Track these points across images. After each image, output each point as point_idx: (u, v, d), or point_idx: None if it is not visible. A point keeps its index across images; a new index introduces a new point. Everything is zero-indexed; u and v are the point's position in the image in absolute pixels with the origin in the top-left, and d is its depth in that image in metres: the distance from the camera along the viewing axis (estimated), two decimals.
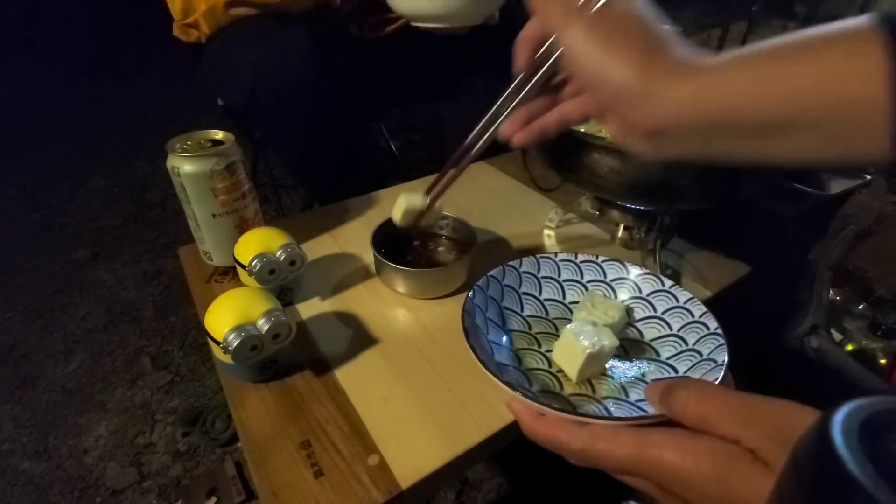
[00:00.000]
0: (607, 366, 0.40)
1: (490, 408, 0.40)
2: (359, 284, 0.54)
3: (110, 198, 1.58)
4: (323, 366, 0.44)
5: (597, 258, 0.46)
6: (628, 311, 0.44)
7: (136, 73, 2.57)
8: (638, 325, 0.43)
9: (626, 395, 0.37)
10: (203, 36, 0.79)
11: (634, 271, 0.45)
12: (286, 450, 0.38)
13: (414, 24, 0.74)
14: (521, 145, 0.37)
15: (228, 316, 0.39)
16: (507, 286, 0.44)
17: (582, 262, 0.46)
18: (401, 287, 0.51)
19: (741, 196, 0.57)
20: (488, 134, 0.39)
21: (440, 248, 0.57)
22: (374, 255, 0.50)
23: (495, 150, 0.81)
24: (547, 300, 0.46)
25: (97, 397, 0.94)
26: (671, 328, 0.41)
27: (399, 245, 0.54)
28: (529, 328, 0.44)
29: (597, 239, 0.62)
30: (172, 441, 0.85)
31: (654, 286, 0.44)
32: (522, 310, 0.45)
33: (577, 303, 0.45)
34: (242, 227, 0.53)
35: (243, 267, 0.48)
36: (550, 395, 0.38)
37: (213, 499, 0.75)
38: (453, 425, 0.39)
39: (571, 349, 0.37)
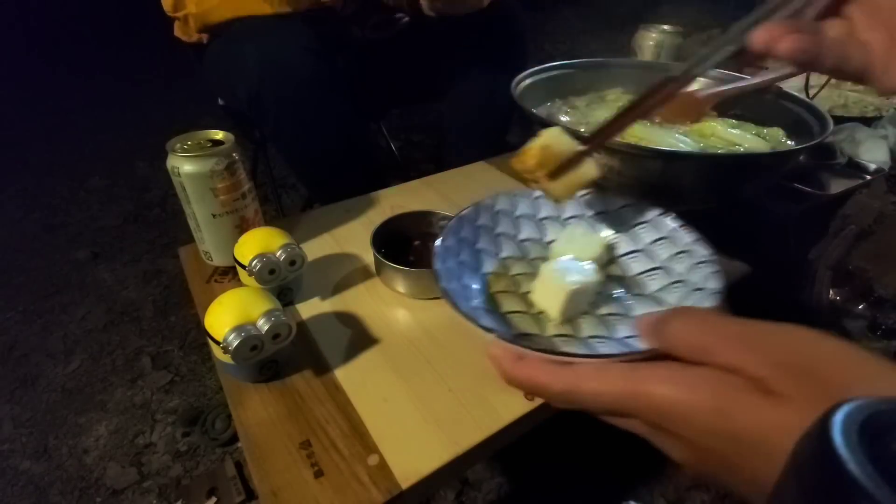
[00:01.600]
0: (591, 303, 0.36)
1: (490, 408, 0.40)
2: (359, 284, 0.54)
3: (110, 198, 1.58)
4: (323, 366, 0.44)
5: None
6: (611, 246, 0.40)
7: (137, 74, 2.57)
8: (622, 260, 0.40)
9: (613, 332, 0.34)
10: (194, 36, 0.80)
11: (617, 203, 0.41)
12: (286, 450, 0.38)
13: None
14: (787, 55, 0.28)
15: (228, 316, 0.39)
16: (482, 226, 0.41)
17: None
18: (401, 287, 0.51)
19: (741, 197, 0.57)
20: (724, 49, 0.31)
21: None
22: (374, 255, 0.50)
23: (497, 150, 0.82)
24: (524, 240, 0.42)
25: (97, 397, 0.94)
26: (658, 259, 0.38)
27: (399, 245, 0.54)
28: (507, 270, 0.40)
29: None
30: (172, 441, 0.85)
31: (637, 217, 0.40)
32: (499, 251, 0.41)
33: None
34: (242, 227, 0.53)
35: (243, 267, 0.48)
36: (531, 337, 0.34)
37: (213, 499, 0.75)
38: (453, 425, 0.39)
39: (552, 287, 0.34)
